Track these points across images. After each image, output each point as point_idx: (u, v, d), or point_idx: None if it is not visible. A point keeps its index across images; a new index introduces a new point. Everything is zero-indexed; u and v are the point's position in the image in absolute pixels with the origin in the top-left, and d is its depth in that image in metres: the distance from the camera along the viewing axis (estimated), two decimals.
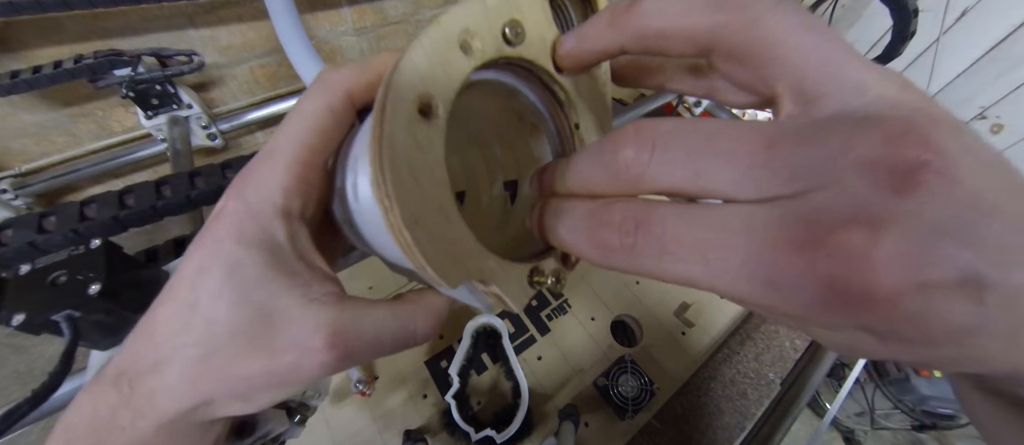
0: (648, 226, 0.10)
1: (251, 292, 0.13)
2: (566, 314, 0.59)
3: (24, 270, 0.20)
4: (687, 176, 0.10)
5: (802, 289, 0.09)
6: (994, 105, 0.95)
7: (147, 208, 0.31)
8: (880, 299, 0.08)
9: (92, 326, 0.20)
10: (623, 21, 0.13)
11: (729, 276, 0.09)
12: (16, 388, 0.49)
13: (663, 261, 0.10)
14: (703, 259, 0.10)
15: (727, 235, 0.09)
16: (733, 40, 0.11)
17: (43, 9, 0.45)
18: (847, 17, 1.07)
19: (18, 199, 0.55)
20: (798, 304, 0.09)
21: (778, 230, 0.09)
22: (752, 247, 0.09)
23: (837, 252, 0.08)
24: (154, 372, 0.13)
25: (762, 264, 0.09)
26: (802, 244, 0.09)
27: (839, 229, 0.08)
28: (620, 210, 0.11)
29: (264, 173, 0.14)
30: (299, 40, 0.42)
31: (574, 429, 0.46)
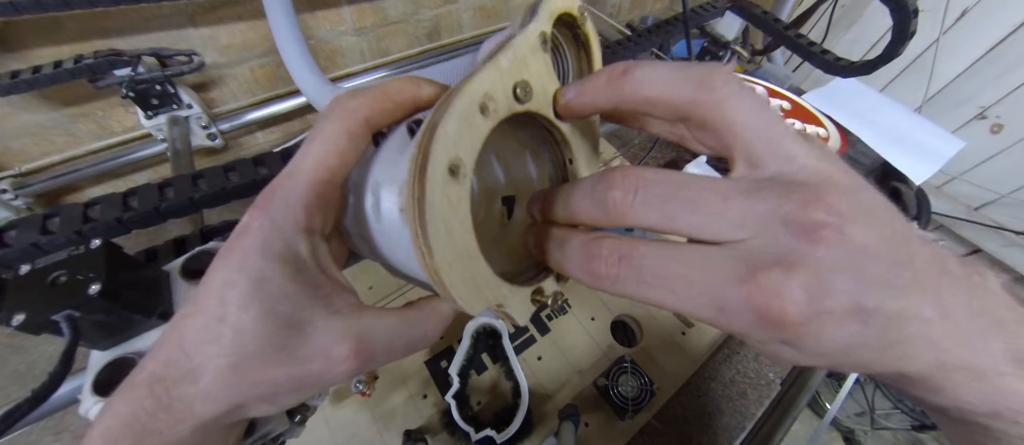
0: (630, 260, 0.13)
1: (277, 304, 0.14)
2: (566, 314, 0.59)
3: (24, 270, 0.20)
4: (660, 218, 0.13)
5: (742, 314, 0.12)
6: (994, 105, 0.95)
7: (150, 210, 0.31)
8: (791, 323, 0.11)
9: (92, 326, 0.20)
10: (618, 85, 0.15)
11: (691, 303, 0.13)
12: (16, 388, 0.49)
13: (640, 288, 0.13)
14: (672, 289, 0.13)
15: (690, 271, 0.12)
16: (704, 115, 0.14)
17: (43, 9, 0.45)
18: (847, 17, 1.07)
19: (18, 199, 0.55)
20: (740, 325, 0.12)
21: (726, 269, 0.12)
22: (708, 282, 0.12)
23: (765, 288, 0.11)
24: (189, 380, 0.14)
25: (715, 295, 0.12)
26: (742, 280, 0.12)
27: (766, 270, 0.11)
28: (608, 245, 0.14)
29: (288, 192, 0.15)
30: (296, 44, 0.42)
31: (574, 429, 0.46)
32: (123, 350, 0.22)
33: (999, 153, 0.98)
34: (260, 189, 0.16)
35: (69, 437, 0.46)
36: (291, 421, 0.35)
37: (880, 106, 0.92)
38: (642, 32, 0.61)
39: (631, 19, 1.18)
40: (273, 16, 0.43)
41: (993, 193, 1.01)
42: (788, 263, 0.11)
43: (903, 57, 0.54)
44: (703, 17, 0.65)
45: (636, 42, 0.58)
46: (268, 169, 0.35)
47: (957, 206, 1.07)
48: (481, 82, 0.14)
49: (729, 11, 0.63)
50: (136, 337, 0.22)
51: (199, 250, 0.26)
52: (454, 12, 0.82)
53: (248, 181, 0.34)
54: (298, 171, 0.15)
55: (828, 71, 0.55)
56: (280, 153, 0.36)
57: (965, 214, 1.06)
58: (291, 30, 0.43)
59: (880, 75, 0.99)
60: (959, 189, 1.06)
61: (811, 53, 0.56)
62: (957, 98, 0.99)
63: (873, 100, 0.94)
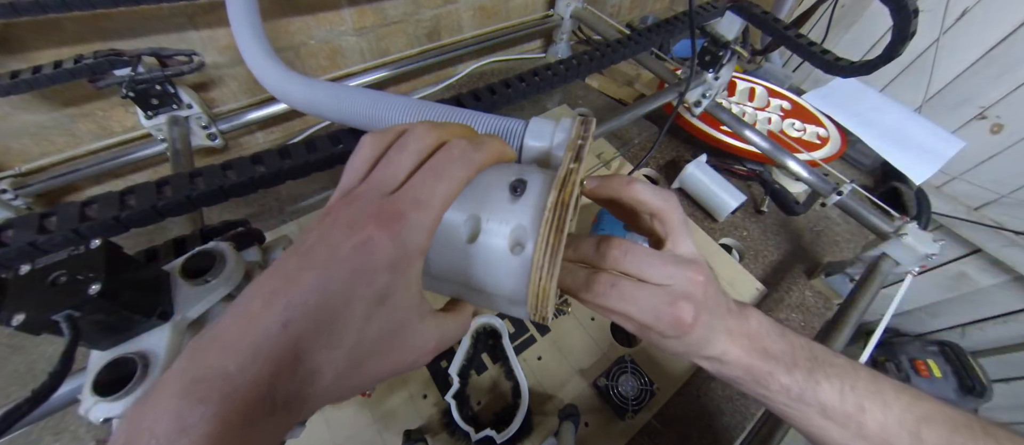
0: (616, 286, 0.24)
1: (394, 313, 0.17)
2: (566, 314, 0.59)
3: (24, 270, 0.20)
4: (634, 268, 0.24)
5: (666, 320, 0.23)
6: (994, 105, 0.95)
7: (148, 208, 0.31)
8: (687, 325, 0.23)
9: (92, 326, 0.20)
10: (626, 188, 0.25)
11: (643, 314, 0.23)
12: (16, 388, 0.49)
13: (619, 303, 0.24)
14: (635, 304, 0.23)
15: (645, 296, 0.23)
16: (663, 216, 0.26)
17: (43, 10, 0.45)
18: (847, 17, 1.07)
19: (18, 199, 0.55)
20: (663, 326, 0.23)
21: (662, 298, 0.23)
22: (653, 303, 0.23)
23: (679, 308, 0.23)
24: (307, 382, 0.15)
25: (655, 310, 0.23)
26: (669, 304, 0.23)
27: (680, 300, 0.23)
28: (604, 277, 0.24)
29: (419, 221, 0.18)
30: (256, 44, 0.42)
31: (574, 429, 0.46)
32: (123, 350, 0.22)
33: (999, 153, 0.98)
34: (258, 187, 0.16)
35: (69, 437, 0.46)
36: None
37: (880, 106, 0.92)
38: (642, 31, 0.61)
39: (631, 19, 1.18)
40: (235, 19, 0.43)
41: (993, 193, 1.01)
42: (687, 299, 0.23)
43: (903, 57, 0.53)
44: (703, 17, 0.65)
45: (636, 42, 0.58)
46: (266, 167, 0.35)
47: (957, 206, 1.07)
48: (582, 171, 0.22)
49: (729, 11, 0.63)
50: (136, 337, 0.22)
51: (199, 250, 0.26)
52: (454, 12, 0.82)
53: (246, 179, 0.34)
54: (428, 204, 0.18)
55: (828, 71, 0.55)
56: (278, 150, 0.36)
57: (965, 214, 1.06)
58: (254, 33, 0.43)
59: (880, 75, 0.99)
60: (959, 189, 1.06)
61: (811, 53, 0.56)
62: (957, 98, 0.99)
63: (873, 100, 0.94)
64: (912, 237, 0.54)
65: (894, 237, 0.55)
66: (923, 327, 1.37)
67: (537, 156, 0.25)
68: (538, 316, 0.21)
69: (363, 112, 0.31)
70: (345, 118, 0.33)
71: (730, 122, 0.72)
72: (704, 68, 0.70)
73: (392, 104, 0.30)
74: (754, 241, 0.72)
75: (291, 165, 0.35)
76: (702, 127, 0.79)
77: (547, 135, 0.25)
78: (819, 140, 0.83)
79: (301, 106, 0.36)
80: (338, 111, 0.33)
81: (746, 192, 0.72)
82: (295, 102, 0.36)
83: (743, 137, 0.70)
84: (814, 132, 0.84)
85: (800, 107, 0.89)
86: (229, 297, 0.26)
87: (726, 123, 0.73)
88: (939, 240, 0.54)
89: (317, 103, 0.34)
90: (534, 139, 0.25)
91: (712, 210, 0.72)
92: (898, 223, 0.56)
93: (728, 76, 0.72)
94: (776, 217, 0.76)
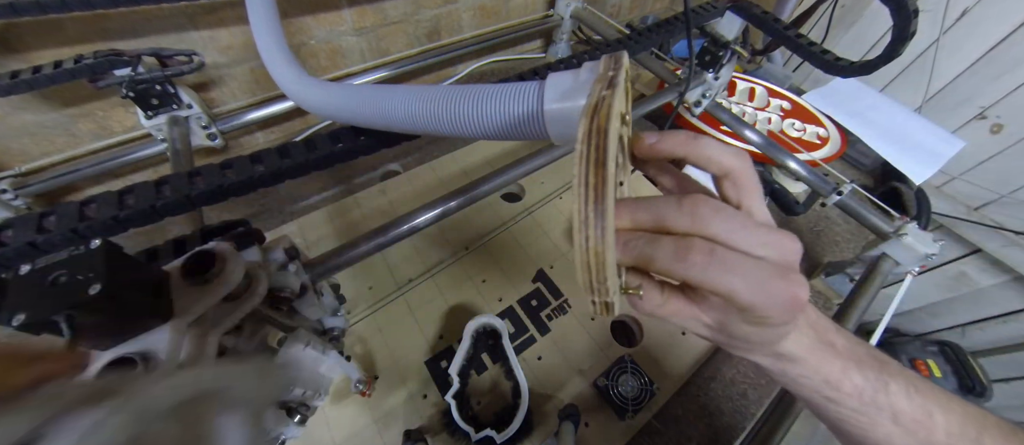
0: (715, 253, 0.18)
1: None
2: (566, 314, 0.59)
3: (24, 270, 0.20)
4: (723, 231, 0.18)
5: (782, 298, 0.18)
6: (994, 105, 0.94)
7: (147, 208, 0.31)
8: (803, 302, 0.19)
9: (92, 326, 0.20)
10: (692, 144, 0.20)
11: (754, 291, 0.18)
12: None
13: (723, 277, 0.18)
14: (741, 275, 0.18)
15: (750, 266, 0.18)
16: (737, 178, 0.21)
17: (43, 10, 0.45)
18: (847, 17, 1.07)
19: (18, 199, 0.55)
20: (780, 308, 0.18)
21: (769, 269, 0.18)
22: (759, 274, 0.18)
23: (794, 282, 0.18)
24: None
25: (764, 285, 0.18)
26: (782, 276, 0.18)
27: (791, 273, 0.18)
28: (699, 244, 0.18)
29: None
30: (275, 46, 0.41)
31: (574, 429, 0.46)
32: (123, 350, 0.22)
33: (999, 153, 0.98)
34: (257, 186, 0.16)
35: None
36: (291, 421, 0.35)
37: (880, 106, 0.92)
38: (642, 31, 0.61)
39: (631, 19, 1.18)
40: (255, 18, 0.42)
41: (993, 193, 1.01)
42: (795, 272, 0.19)
43: (903, 57, 0.53)
44: (703, 17, 0.65)
45: (636, 41, 0.58)
46: (265, 166, 0.35)
47: (957, 206, 1.07)
48: (619, 101, 0.17)
49: (729, 11, 0.63)
50: (136, 337, 0.22)
51: (199, 250, 0.26)
52: (454, 12, 0.82)
53: (245, 178, 0.34)
54: None
55: (828, 71, 0.55)
56: (277, 149, 0.36)
57: (965, 214, 1.05)
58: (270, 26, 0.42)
59: (880, 75, 0.99)
60: (959, 189, 1.06)
61: (811, 53, 0.56)
62: (957, 98, 0.99)
63: (873, 100, 0.94)
64: (912, 237, 0.54)
65: (894, 237, 0.55)
66: (923, 327, 1.37)
67: (561, 116, 0.20)
68: (599, 296, 0.16)
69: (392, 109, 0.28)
70: (350, 117, 0.32)
71: (730, 122, 0.72)
72: (704, 68, 0.70)
73: (396, 95, 0.27)
74: None
75: (290, 164, 0.35)
76: (702, 127, 0.79)
77: (568, 84, 0.20)
78: (819, 140, 0.83)
79: (313, 108, 0.36)
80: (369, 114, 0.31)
81: None
82: (316, 107, 0.35)
83: (743, 137, 0.70)
84: (814, 132, 0.84)
85: (800, 107, 0.89)
86: (229, 297, 0.26)
87: (726, 123, 0.73)
88: (939, 240, 0.54)
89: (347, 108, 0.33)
90: (555, 93, 0.20)
91: None
92: (898, 223, 0.56)
93: (728, 76, 0.72)
94: (776, 217, 0.76)
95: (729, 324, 0.20)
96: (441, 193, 0.47)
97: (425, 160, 0.75)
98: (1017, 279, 1.07)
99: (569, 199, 0.72)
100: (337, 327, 0.44)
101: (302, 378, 0.36)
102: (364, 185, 0.71)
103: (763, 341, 0.21)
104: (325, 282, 0.41)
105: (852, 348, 0.23)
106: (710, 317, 0.21)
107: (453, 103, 0.24)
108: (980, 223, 1.03)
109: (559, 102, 0.20)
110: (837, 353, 0.22)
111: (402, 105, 0.27)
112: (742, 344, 0.22)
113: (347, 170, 0.72)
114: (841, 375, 0.22)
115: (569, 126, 0.20)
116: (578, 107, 0.19)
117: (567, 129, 0.20)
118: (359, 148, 0.37)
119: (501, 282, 0.61)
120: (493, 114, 0.22)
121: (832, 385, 0.22)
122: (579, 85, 0.20)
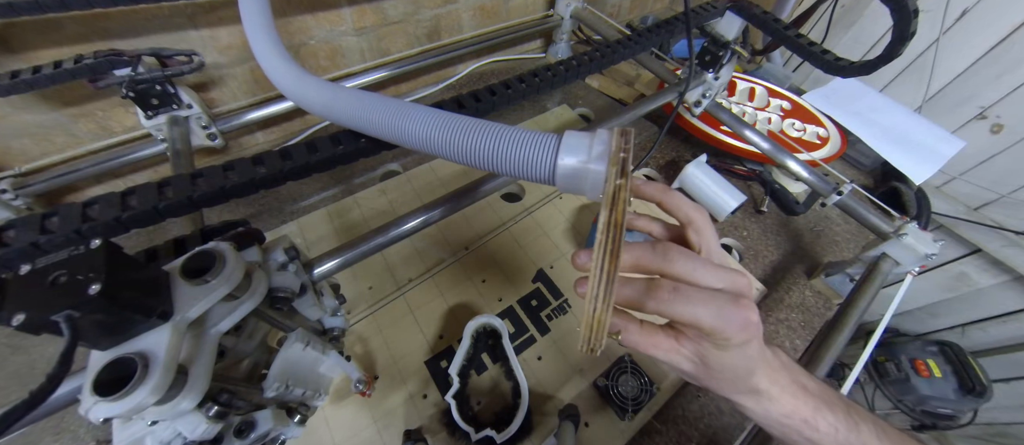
0: (678, 291, 0.22)
1: None
2: (566, 314, 0.59)
3: (24, 270, 0.20)
4: (688, 271, 0.23)
5: (737, 320, 0.22)
6: (994, 105, 0.94)
7: (149, 209, 0.31)
8: (757, 324, 0.22)
9: (92, 326, 0.20)
10: (666, 194, 0.26)
11: (714, 317, 0.21)
12: (16, 388, 0.49)
13: (687, 307, 0.22)
14: (702, 305, 0.22)
15: (711, 298, 0.22)
16: (701, 226, 0.25)
17: (43, 10, 0.45)
18: (847, 17, 1.07)
19: (18, 199, 0.55)
20: (736, 328, 0.22)
21: (725, 298, 0.22)
22: (718, 303, 0.22)
23: (745, 306, 0.22)
24: None
25: (722, 311, 0.21)
26: (734, 302, 0.22)
27: (743, 298, 0.22)
28: (666, 284, 0.22)
29: None
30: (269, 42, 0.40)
31: (574, 429, 0.46)
32: (123, 350, 0.22)
33: (999, 153, 0.98)
34: (259, 188, 0.16)
35: (69, 437, 0.46)
36: (291, 421, 0.35)
37: (880, 106, 0.92)
38: (642, 32, 0.61)
39: (631, 19, 1.18)
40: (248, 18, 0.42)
41: (993, 193, 1.01)
42: (747, 298, 0.23)
43: (903, 57, 0.53)
44: (703, 17, 0.65)
45: (636, 42, 0.58)
46: (267, 168, 0.35)
47: (957, 206, 1.07)
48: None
49: (729, 11, 0.63)
50: (136, 337, 0.22)
51: (199, 250, 0.26)
52: (454, 12, 0.82)
53: (247, 180, 0.34)
54: None
55: (828, 71, 0.55)
56: (279, 152, 0.36)
57: (965, 214, 1.05)
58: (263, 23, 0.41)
59: (880, 75, 0.99)
60: (959, 189, 1.06)
61: (811, 53, 0.56)
62: (957, 98, 0.99)
63: (873, 100, 0.94)
64: (912, 237, 0.54)
65: (894, 237, 0.55)
66: (923, 327, 1.37)
67: (571, 173, 0.23)
68: (590, 348, 0.20)
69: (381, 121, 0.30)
70: (358, 125, 0.32)
71: (730, 122, 0.72)
72: (704, 68, 0.70)
73: (417, 115, 0.28)
74: (754, 241, 0.72)
75: (292, 166, 0.35)
76: (702, 127, 0.79)
77: (584, 149, 0.23)
78: (819, 140, 0.83)
79: (315, 110, 0.36)
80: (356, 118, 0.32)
81: (746, 192, 0.72)
82: (310, 105, 0.36)
83: (743, 137, 0.70)
84: (814, 132, 0.84)
85: (800, 107, 0.89)
86: (229, 297, 0.26)
87: (726, 123, 0.73)
88: (939, 240, 0.54)
89: (330, 107, 0.33)
90: (569, 155, 0.23)
91: (712, 210, 0.72)
92: (898, 223, 0.56)
93: (728, 76, 0.72)
94: (776, 217, 0.76)
95: (704, 353, 0.23)
96: (441, 193, 0.47)
97: (425, 160, 0.75)
98: (1017, 279, 1.07)
99: (569, 199, 0.72)
100: (337, 327, 0.44)
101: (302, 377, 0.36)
102: (364, 185, 0.71)
103: (736, 372, 0.24)
104: (325, 282, 0.41)
105: (823, 390, 0.26)
106: (688, 349, 0.24)
107: (471, 136, 0.25)
108: (980, 223, 1.03)
109: (573, 160, 0.23)
110: (809, 394, 0.25)
111: (420, 126, 0.27)
112: (721, 376, 0.24)
113: (347, 170, 0.72)
114: (814, 414, 0.25)
115: (577, 182, 0.23)
116: (589, 171, 0.23)
117: (573, 184, 0.23)
118: (360, 150, 0.37)
119: (501, 282, 0.61)
120: (508, 154, 0.25)
121: (810, 425, 0.25)
122: (592, 157, 0.23)
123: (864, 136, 0.84)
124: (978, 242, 1.07)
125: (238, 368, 0.34)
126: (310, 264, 0.38)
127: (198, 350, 0.25)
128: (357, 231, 0.43)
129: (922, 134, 0.87)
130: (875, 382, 1.28)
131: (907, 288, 0.57)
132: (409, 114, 0.29)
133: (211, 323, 0.26)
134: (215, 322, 0.26)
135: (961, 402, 1.15)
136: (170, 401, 0.23)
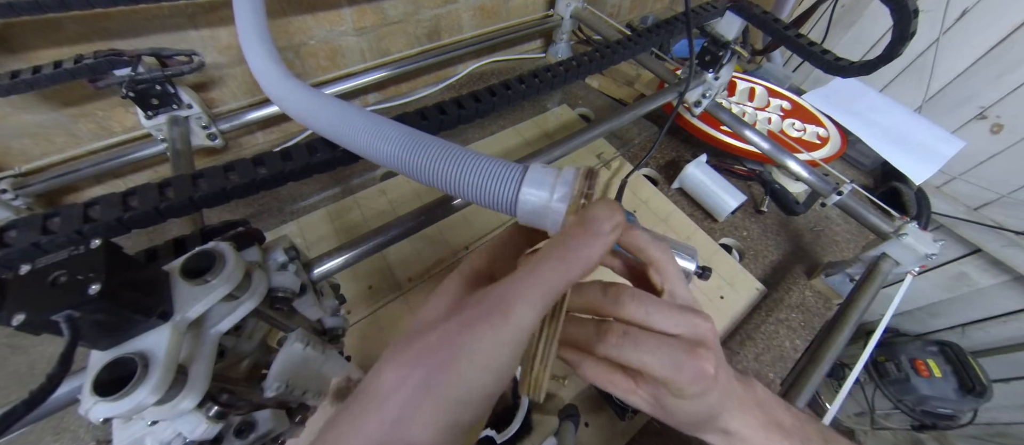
0: (628, 335, 0.21)
1: None
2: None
3: (24, 270, 0.20)
4: (642, 314, 0.22)
5: (690, 371, 0.20)
6: (994, 105, 0.95)
7: (150, 209, 0.31)
8: (711, 376, 0.21)
9: (92, 326, 0.20)
10: (628, 233, 0.24)
11: (660, 363, 0.21)
12: (16, 388, 0.49)
13: (635, 354, 0.21)
14: (651, 352, 0.21)
15: (661, 344, 0.21)
16: (663, 266, 0.24)
17: (43, 10, 0.45)
18: (847, 17, 1.07)
19: (18, 199, 0.55)
20: (688, 380, 0.20)
21: (679, 346, 0.21)
22: (670, 350, 0.21)
23: (701, 356, 0.21)
24: None
25: (675, 359, 0.21)
26: (688, 351, 0.21)
27: (699, 347, 0.21)
28: (616, 326, 0.22)
29: None
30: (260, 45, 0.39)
31: (574, 429, 0.46)
32: (123, 350, 0.22)
33: (999, 153, 0.98)
34: (259, 189, 0.16)
35: (69, 437, 0.46)
36: (291, 421, 0.35)
37: (880, 106, 0.92)
38: (642, 32, 0.61)
39: (631, 19, 1.18)
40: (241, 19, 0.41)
41: (993, 193, 1.01)
42: (705, 347, 0.21)
43: (903, 57, 0.54)
44: (703, 17, 0.65)
45: (636, 42, 0.58)
46: (267, 169, 0.35)
47: (957, 206, 1.07)
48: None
49: (729, 11, 0.63)
50: (136, 337, 0.22)
51: (199, 250, 0.26)
52: (454, 12, 0.82)
53: (248, 181, 0.34)
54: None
55: (828, 71, 0.55)
56: (280, 153, 0.36)
57: (965, 214, 1.06)
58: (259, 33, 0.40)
59: (880, 75, 0.99)
60: (959, 189, 1.06)
61: (811, 53, 0.56)
62: (957, 98, 0.99)
63: (873, 100, 0.94)
64: (912, 237, 0.54)
65: (894, 237, 0.55)
66: (923, 327, 1.37)
67: (533, 209, 0.22)
68: (532, 395, 0.20)
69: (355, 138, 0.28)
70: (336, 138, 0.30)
71: (730, 122, 0.72)
72: (704, 68, 0.70)
73: (386, 133, 0.27)
74: (754, 241, 0.72)
75: (292, 167, 0.35)
76: (702, 127, 0.79)
77: (547, 185, 0.22)
78: (819, 140, 0.83)
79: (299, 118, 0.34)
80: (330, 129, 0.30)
81: (746, 192, 0.72)
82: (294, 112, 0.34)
83: (743, 137, 0.70)
84: (814, 132, 0.84)
85: (800, 107, 0.89)
86: (229, 297, 0.26)
87: (726, 123, 0.73)
88: (939, 240, 0.54)
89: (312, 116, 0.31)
90: (533, 187, 0.22)
91: (712, 210, 0.72)
92: (898, 223, 0.56)
93: (728, 76, 0.72)
94: (776, 217, 0.76)
95: (662, 397, 0.22)
96: (441, 193, 0.46)
97: None
98: (1017, 279, 1.07)
99: None
100: (337, 327, 0.44)
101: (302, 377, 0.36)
102: (364, 185, 0.71)
103: (697, 418, 0.23)
104: (325, 282, 0.41)
105: (800, 426, 0.25)
106: (645, 392, 0.23)
107: (438, 161, 0.25)
108: (980, 223, 1.03)
109: (535, 197, 0.22)
110: (785, 432, 0.24)
111: (391, 145, 0.26)
112: (682, 421, 0.23)
113: (347, 171, 0.72)
114: None
115: (538, 219, 0.22)
116: (549, 210, 0.21)
117: (535, 220, 0.23)
118: None
119: None
120: (472, 183, 0.24)
121: None
122: (554, 197, 0.21)
123: (864, 136, 0.84)
124: (978, 242, 1.07)
125: (238, 368, 0.34)
126: (310, 264, 0.38)
127: (198, 350, 0.25)
128: (357, 231, 0.43)
129: (922, 134, 0.87)
130: (875, 382, 1.28)
131: (907, 288, 0.57)
132: (382, 132, 0.27)
133: (211, 323, 0.26)
134: (215, 322, 0.26)
135: (961, 402, 1.15)
136: (170, 401, 0.23)
